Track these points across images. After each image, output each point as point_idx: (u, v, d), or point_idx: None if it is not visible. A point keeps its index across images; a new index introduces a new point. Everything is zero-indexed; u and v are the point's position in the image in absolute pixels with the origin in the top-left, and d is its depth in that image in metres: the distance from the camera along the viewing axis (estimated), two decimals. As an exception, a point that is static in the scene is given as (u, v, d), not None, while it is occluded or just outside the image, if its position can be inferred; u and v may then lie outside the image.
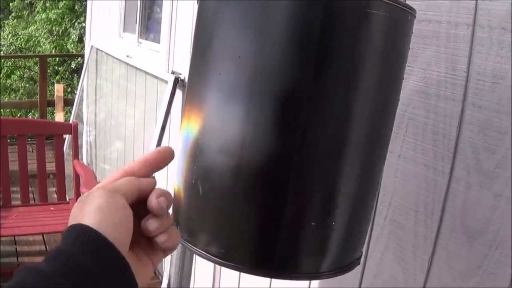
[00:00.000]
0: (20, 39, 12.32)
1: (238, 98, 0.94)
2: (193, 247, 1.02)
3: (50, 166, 4.41)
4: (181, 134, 1.03)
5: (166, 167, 0.80)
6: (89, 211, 0.67)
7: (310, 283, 2.09)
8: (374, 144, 1.04)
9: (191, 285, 3.22)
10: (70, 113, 6.25)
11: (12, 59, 12.07)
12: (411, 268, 1.61)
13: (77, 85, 6.30)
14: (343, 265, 1.06)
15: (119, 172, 0.77)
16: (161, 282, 3.63)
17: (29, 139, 4.82)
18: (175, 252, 1.50)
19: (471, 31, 1.37)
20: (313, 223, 0.97)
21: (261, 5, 0.93)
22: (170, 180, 2.06)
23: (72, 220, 0.67)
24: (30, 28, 12.33)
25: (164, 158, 0.78)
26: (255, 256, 1.00)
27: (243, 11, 0.94)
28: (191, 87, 1.06)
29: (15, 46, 12.21)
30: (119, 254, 0.64)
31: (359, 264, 1.11)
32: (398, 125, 1.59)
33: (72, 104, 6.21)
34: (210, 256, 1.00)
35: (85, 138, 6.25)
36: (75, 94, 6.20)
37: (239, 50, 0.94)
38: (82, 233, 0.64)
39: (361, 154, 1.01)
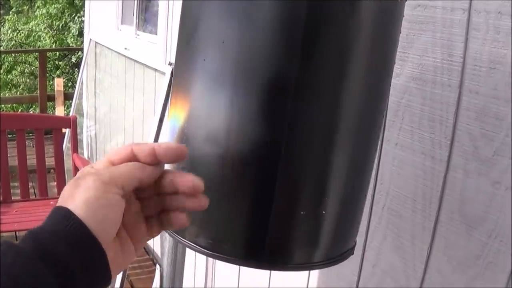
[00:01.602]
0: (21, 34, 12.32)
1: (223, 85, 0.92)
2: (181, 238, 1.00)
3: (50, 161, 4.40)
4: (168, 123, 1.01)
5: None
6: (79, 198, 0.64)
7: (309, 274, 2.07)
8: (365, 131, 1.01)
9: (189, 275, 3.22)
10: (71, 107, 6.24)
11: (13, 54, 12.08)
12: (409, 258, 1.60)
13: (78, 78, 6.29)
14: (336, 255, 1.04)
15: (125, 151, 0.73)
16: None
17: (29, 134, 4.80)
18: (167, 243, 1.48)
19: (467, 16, 1.35)
20: (303, 212, 0.95)
21: (246, -11, 0.90)
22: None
23: (61, 201, 0.65)
24: (30, 23, 12.34)
25: (174, 156, 0.73)
26: (245, 247, 0.98)
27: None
28: (177, 75, 1.04)
29: (16, 41, 12.21)
30: (99, 247, 0.63)
31: (352, 254, 1.09)
32: (395, 113, 1.57)
33: (72, 98, 6.19)
34: (199, 247, 0.98)
35: (86, 132, 6.25)
36: (76, 86, 6.18)
37: (224, 35, 0.91)
38: (67, 218, 0.62)
39: (351, 141, 0.98)
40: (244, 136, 0.92)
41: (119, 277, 3.30)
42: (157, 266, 1.56)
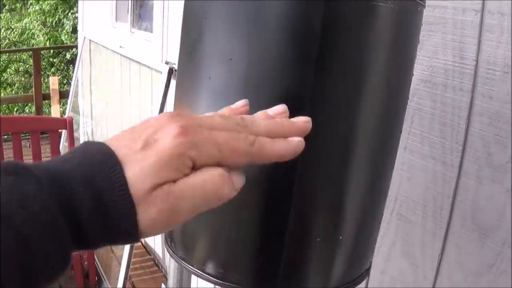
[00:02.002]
0: (14, 32, 12.30)
1: (231, 103, 0.86)
2: (188, 266, 0.95)
3: (47, 161, 4.36)
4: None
5: None
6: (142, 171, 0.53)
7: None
8: (383, 148, 0.96)
9: None
10: (67, 104, 6.21)
11: (7, 53, 12.06)
12: (420, 265, 1.56)
13: (73, 76, 6.27)
14: (352, 279, 1.00)
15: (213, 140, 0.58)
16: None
17: (25, 134, 4.76)
18: (172, 263, 1.44)
19: (479, 17, 1.31)
20: (318, 239, 0.90)
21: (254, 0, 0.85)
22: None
23: (124, 146, 0.55)
24: (24, 20, 12.32)
25: (288, 157, 0.63)
26: (256, 276, 0.93)
27: (234, 7, 0.86)
28: (179, 91, 0.99)
29: (9, 39, 12.18)
30: (133, 222, 0.53)
31: (368, 275, 1.05)
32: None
33: (68, 96, 6.16)
34: (207, 275, 0.93)
35: (82, 129, 6.23)
36: (71, 85, 6.15)
37: (231, 51, 0.85)
38: (114, 183, 0.52)
39: (369, 160, 0.93)
40: (255, 159, 0.87)
41: (121, 278, 3.27)
42: (162, 286, 1.54)
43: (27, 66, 11.69)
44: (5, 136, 4.24)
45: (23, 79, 11.81)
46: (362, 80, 0.87)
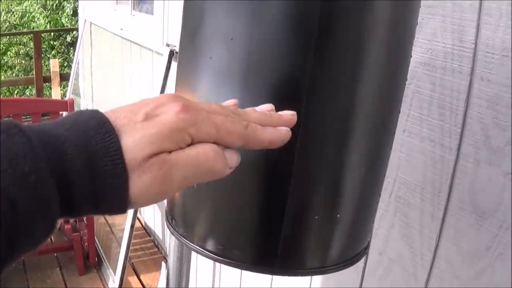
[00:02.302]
0: (15, 15, 12.25)
1: (232, 84, 0.87)
2: (189, 243, 0.97)
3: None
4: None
5: None
6: (140, 141, 0.54)
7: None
8: (381, 130, 0.97)
9: (194, 275, 3.21)
10: (68, 87, 6.20)
11: (7, 36, 12.03)
12: (417, 247, 1.57)
13: (73, 59, 6.25)
14: (350, 257, 1.01)
15: (216, 120, 0.60)
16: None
17: (26, 116, 4.76)
18: (173, 240, 1.45)
19: (479, 0, 1.31)
20: (316, 217, 0.91)
21: (255, -19, 0.85)
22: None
23: (124, 117, 0.56)
24: (24, 3, 12.26)
25: (277, 144, 0.66)
26: (256, 253, 0.94)
27: (235, -12, 0.87)
28: (181, 71, 0.99)
29: (10, 22, 12.14)
30: (124, 187, 0.53)
31: (366, 254, 1.06)
32: (403, 99, 1.53)
33: (68, 79, 6.16)
34: (207, 252, 0.94)
35: (83, 113, 6.22)
36: (72, 67, 6.14)
37: (232, 32, 0.86)
38: (108, 148, 0.53)
39: (367, 140, 0.94)
40: (255, 137, 0.88)
41: (121, 259, 3.28)
42: (163, 264, 1.54)
43: (27, 49, 11.66)
44: (6, 118, 4.24)
45: (23, 62, 11.78)
46: (360, 62, 0.88)
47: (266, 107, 0.71)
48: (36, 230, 0.50)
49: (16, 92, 10.84)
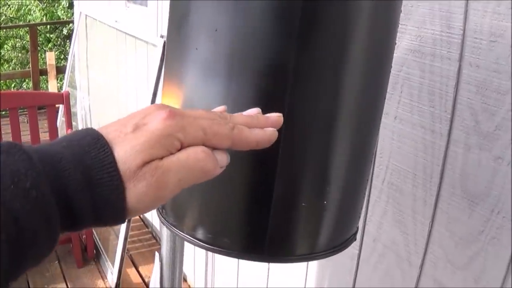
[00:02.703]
0: (11, 9, 12.22)
1: (218, 74, 0.88)
2: (179, 232, 0.98)
3: (45, 136, 4.37)
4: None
5: None
6: (131, 153, 0.56)
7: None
8: (366, 116, 0.98)
9: (190, 261, 3.22)
10: (64, 80, 6.20)
11: (4, 30, 12.00)
12: (411, 233, 1.58)
13: (69, 52, 6.24)
14: (338, 244, 1.02)
15: (202, 126, 0.61)
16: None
17: (22, 110, 4.76)
18: (165, 230, 1.46)
19: (466, -13, 1.31)
20: (304, 204, 0.92)
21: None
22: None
23: (114, 130, 0.58)
24: (20, -4, 12.23)
25: (264, 144, 0.68)
26: (245, 240, 0.95)
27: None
28: (168, 63, 1.00)
29: (6, 16, 12.11)
30: (122, 196, 0.55)
31: (355, 240, 1.07)
32: (393, 86, 1.54)
33: (65, 71, 6.15)
34: (197, 241, 0.95)
35: (79, 104, 6.22)
36: (68, 60, 6.14)
37: (216, 23, 0.87)
38: (103, 161, 0.55)
39: (352, 128, 0.95)
40: (241, 126, 0.89)
41: (119, 251, 3.29)
42: (156, 253, 1.54)
43: (24, 42, 11.63)
44: (3, 112, 4.25)
45: (20, 55, 11.75)
46: (344, 48, 0.89)
47: (253, 111, 0.72)
48: (39, 244, 0.51)
49: (13, 85, 10.83)
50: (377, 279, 1.76)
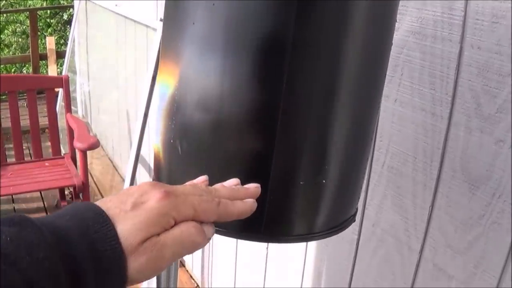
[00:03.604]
0: (11, -7, 12.19)
1: (215, 48, 0.87)
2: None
3: (44, 120, 4.37)
4: (158, 90, 0.97)
5: (142, 127, 0.76)
6: (131, 229, 0.62)
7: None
8: (366, 92, 0.97)
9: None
10: (64, 65, 6.19)
11: (4, 14, 11.98)
12: (411, 217, 1.57)
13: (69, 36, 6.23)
14: (337, 224, 1.01)
15: (190, 203, 0.69)
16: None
17: (22, 94, 4.75)
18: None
19: (468, -33, 1.30)
20: (302, 182, 0.91)
21: None
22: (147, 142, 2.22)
23: (114, 207, 0.64)
24: (20, -20, 12.19)
25: (245, 215, 0.76)
26: (242, 220, 0.94)
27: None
28: (165, 39, 0.99)
29: (6, 1, 12.08)
30: (124, 270, 0.61)
31: (354, 221, 1.06)
32: (393, 68, 1.52)
33: (64, 56, 6.14)
34: (193, 220, 0.94)
35: (79, 89, 6.22)
36: (68, 45, 6.13)
37: (213, -4, 0.86)
38: (106, 235, 0.60)
39: (352, 104, 0.94)
40: (238, 101, 0.89)
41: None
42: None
43: (24, 27, 11.60)
44: (3, 97, 4.24)
45: (20, 40, 11.72)
46: (344, 23, 0.88)
47: (233, 182, 0.80)
48: None
49: (13, 70, 10.82)
50: (376, 264, 1.75)
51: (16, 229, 0.55)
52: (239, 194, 0.76)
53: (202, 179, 0.81)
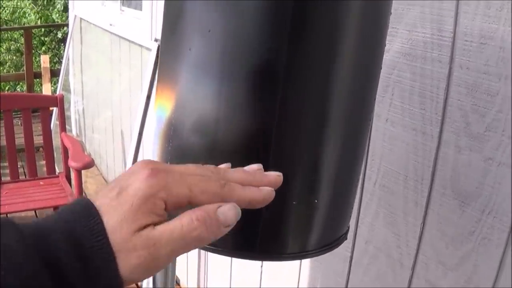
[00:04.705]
0: (6, 11, 12.19)
1: (210, 74, 0.89)
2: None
3: (39, 139, 4.38)
4: (155, 113, 0.99)
5: (137, 146, 0.73)
6: (117, 220, 0.55)
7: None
8: (357, 115, 0.99)
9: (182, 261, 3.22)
10: (58, 83, 6.20)
11: (-1, 32, 11.99)
12: (403, 234, 1.59)
13: (64, 55, 6.24)
14: (330, 242, 1.03)
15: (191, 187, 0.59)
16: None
17: (16, 112, 4.76)
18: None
19: (456, -10, 1.33)
20: (295, 202, 0.93)
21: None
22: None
23: (103, 196, 0.57)
24: (15, -1, 12.20)
25: (258, 204, 0.65)
26: (237, 239, 0.96)
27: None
28: (162, 64, 1.01)
29: (1, 18, 12.08)
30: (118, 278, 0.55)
31: (346, 239, 1.08)
32: (384, 89, 1.55)
33: (59, 75, 6.15)
34: (189, 239, 0.96)
35: (73, 108, 6.22)
36: (62, 63, 6.14)
37: (209, 24, 0.88)
38: (93, 230, 0.54)
39: (343, 126, 0.96)
40: (233, 125, 0.90)
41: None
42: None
43: (18, 45, 11.60)
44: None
45: (14, 57, 11.72)
46: (335, 49, 0.90)
47: (254, 167, 0.71)
48: None
49: (7, 88, 10.81)
50: (369, 280, 1.77)
51: None
52: (254, 179, 0.66)
53: (224, 165, 0.72)
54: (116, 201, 0.56)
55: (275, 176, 0.69)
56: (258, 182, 0.67)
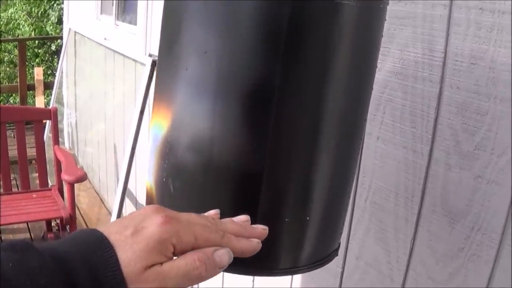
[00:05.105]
0: (0, 22, 12.19)
1: (206, 94, 0.91)
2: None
3: (32, 151, 4.38)
4: (151, 131, 1.01)
5: (129, 161, 0.77)
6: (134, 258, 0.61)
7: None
8: (348, 135, 1.01)
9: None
10: (51, 95, 6.20)
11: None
12: (393, 250, 1.61)
13: (57, 68, 6.25)
14: (321, 258, 1.04)
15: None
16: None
17: (10, 124, 4.76)
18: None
19: (448, 11, 1.35)
20: (287, 219, 0.95)
21: (227, -2, 0.90)
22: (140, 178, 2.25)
23: (117, 232, 0.63)
24: (9, 10, 12.19)
25: (248, 253, 0.75)
26: (229, 253, 0.98)
27: (209, 4, 0.91)
28: (159, 82, 1.03)
29: (-5, 30, 12.09)
30: None
31: (337, 255, 1.09)
32: (376, 107, 1.57)
33: (52, 87, 6.16)
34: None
35: (66, 121, 6.22)
36: (56, 76, 6.14)
37: (205, 45, 0.90)
38: (108, 261, 0.60)
39: (335, 146, 0.98)
40: (228, 144, 0.92)
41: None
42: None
43: (12, 57, 11.60)
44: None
45: (8, 69, 11.71)
46: (327, 72, 0.92)
47: (242, 218, 0.79)
48: None
49: (0, 99, 10.80)
50: (360, 296, 1.78)
51: (18, 255, 0.55)
52: (245, 232, 0.75)
53: (213, 212, 0.81)
54: (131, 239, 0.62)
55: (262, 229, 0.79)
56: (248, 234, 0.76)
